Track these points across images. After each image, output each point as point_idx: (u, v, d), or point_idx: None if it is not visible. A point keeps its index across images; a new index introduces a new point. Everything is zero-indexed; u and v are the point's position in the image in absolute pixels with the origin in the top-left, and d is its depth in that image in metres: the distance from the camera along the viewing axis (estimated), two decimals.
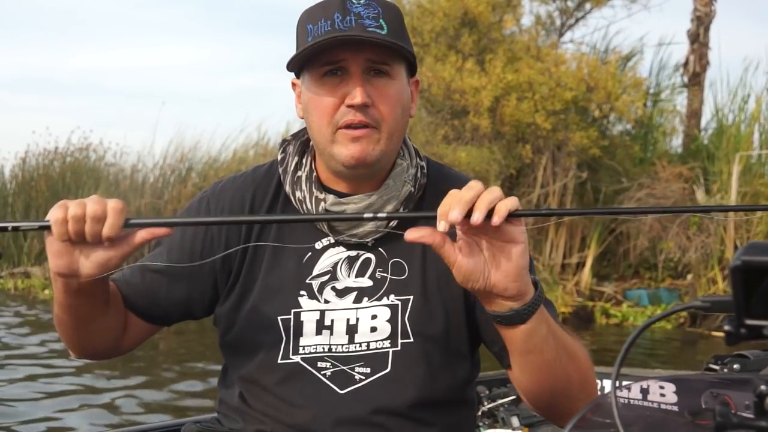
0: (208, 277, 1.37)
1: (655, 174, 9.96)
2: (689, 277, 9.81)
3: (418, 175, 1.35)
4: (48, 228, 1.13)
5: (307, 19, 1.27)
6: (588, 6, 10.92)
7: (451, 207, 1.06)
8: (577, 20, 11.19)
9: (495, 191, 1.07)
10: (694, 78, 11.52)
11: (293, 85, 1.36)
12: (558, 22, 11.05)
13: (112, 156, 13.69)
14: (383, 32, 1.23)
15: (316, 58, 1.25)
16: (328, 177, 1.35)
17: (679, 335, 9.03)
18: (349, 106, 1.23)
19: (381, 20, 1.24)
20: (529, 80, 9.59)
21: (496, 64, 9.69)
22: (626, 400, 1.36)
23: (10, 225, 1.14)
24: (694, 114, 11.48)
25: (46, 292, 11.54)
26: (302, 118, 1.35)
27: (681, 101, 11.84)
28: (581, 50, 11.23)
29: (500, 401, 2.46)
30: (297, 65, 1.30)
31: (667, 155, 11.18)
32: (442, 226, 1.08)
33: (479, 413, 2.42)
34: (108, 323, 1.34)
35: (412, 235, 1.11)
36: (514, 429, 2.36)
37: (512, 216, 1.07)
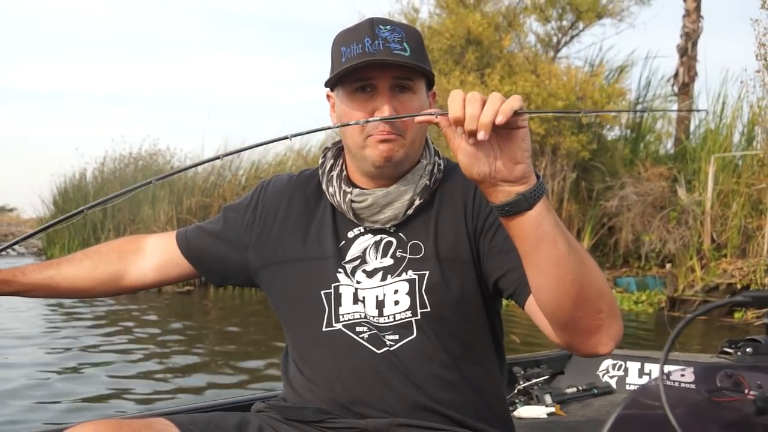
0: (241, 247, 1.50)
1: (638, 174, 10.52)
2: (668, 266, 10.11)
3: (435, 170, 1.41)
4: None
5: (341, 41, 1.37)
6: (581, 25, 11.72)
7: (467, 122, 1.07)
8: (572, 38, 12.00)
9: (496, 98, 1.07)
10: (684, 88, 12.19)
11: (328, 97, 1.46)
12: (555, 40, 11.83)
13: (177, 160, 14.64)
14: (406, 54, 1.32)
15: (350, 77, 1.34)
16: (356, 176, 1.43)
17: (660, 318, 9.17)
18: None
19: (405, 43, 1.33)
20: (524, 92, 10.06)
21: (494, 77, 10.31)
22: (653, 382, 1.34)
23: None
24: (682, 120, 12.03)
25: None
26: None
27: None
28: (575, 64, 11.93)
29: (534, 380, 2.51)
30: (332, 81, 1.39)
31: (653, 157, 11.70)
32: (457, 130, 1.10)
33: (515, 391, 2.48)
34: (77, 283, 1.54)
35: (421, 118, 1.17)
36: (547, 405, 2.40)
37: (516, 115, 1.07)
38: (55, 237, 15.60)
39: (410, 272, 1.37)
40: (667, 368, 2.10)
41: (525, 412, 2.33)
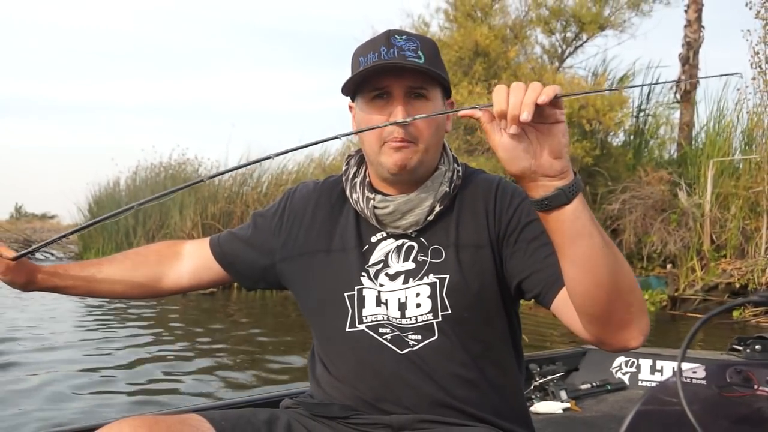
0: (269, 252, 1.52)
1: (639, 178, 10.72)
2: (669, 266, 10.34)
3: (454, 177, 1.42)
4: None
5: (359, 52, 1.38)
6: (584, 36, 11.94)
7: (511, 108, 1.07)
8: (576, 48, 12.24)
9: (537, 84, 1.08)
10: (686, 95, 12.29)
11: (350, 107, 1.46)
12: (559, 51, 12.05)
13: (204, 168, 14.90)
14: (420, 61, 1.33)
15: (366, 84, 1.35)
16: (378, 182, 1.44)
17: (662, 316, 9.52)
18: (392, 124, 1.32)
19: (419, 51, 1.34)
20: None
21: None
22: (668, 379, 1.42)
23: None
24: (685, 126, 12.21)
25: None
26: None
27: (676, 115, 12.61)
28: (579, 74, 12.17)
29: (550, 377, 2.53)
30: (351, 90, 1.40)
31: (656, 162, 11.92)
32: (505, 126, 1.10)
33: (531, 387, 2.49)
34: (116, 285, 1.56)
35: (463, 112, 1.15)
36: (562, 401, 2.42)
37: (557, 98, 1.08)
38: (90, 242, 16.21)
39: (431, 276, 1.38)
40: (684, 366, 2.03)
41: (541, 407, 2.35)
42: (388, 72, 1.34)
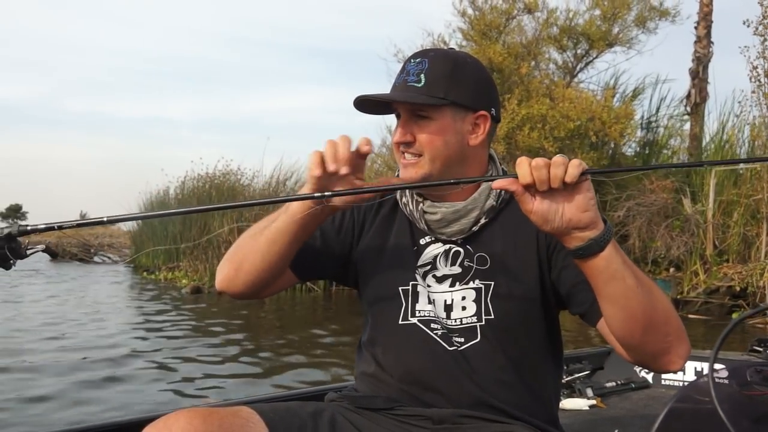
0: (341, 248, 1.52)
1: (644, 187, 10.88)
2: (671, 270, 10.69)
3: (502, 192, 1.41)
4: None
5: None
6: (594, 53, 12.21)
7: (538, 185, 1.14)
8: (586, 64, 12.51)
9: (559, 163, 1.13)
10: (695, 108, 12.54)
11: None
12: (570, 66, 12.35)
13: (246, 179, 15.61)
14: (419, 85, 1.36)
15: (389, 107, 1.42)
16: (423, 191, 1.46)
17: None
18: (395, 142, 1.40)
19: (422, 75, 1.37)
20: (540, 114, 10.60)
21: (513, 101, 10.69)
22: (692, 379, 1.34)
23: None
24: (694, 137, 12.48)
25: (184, 281, 13.60)
26: None
27: (686, 127, 12.83)
28: (590, 89, 12.45)
29: (576, 375, 2.56)
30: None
31: (662, 171, 11.82)
32: (522, 191, 1.16)
33: None
34: (277, 266, 1.41)
35: (498, 183, 1.18)
36: (588, 398, 2.44)
37: (583, 175, 1.13)
38: (141, 245, 17.44)
39: (477, 281, 1.40)
40: (701, 365, 2.01)
41: (569, 404, 2.38)
42: (379, 102, 1.41)
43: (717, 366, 1.17)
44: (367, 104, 1.43)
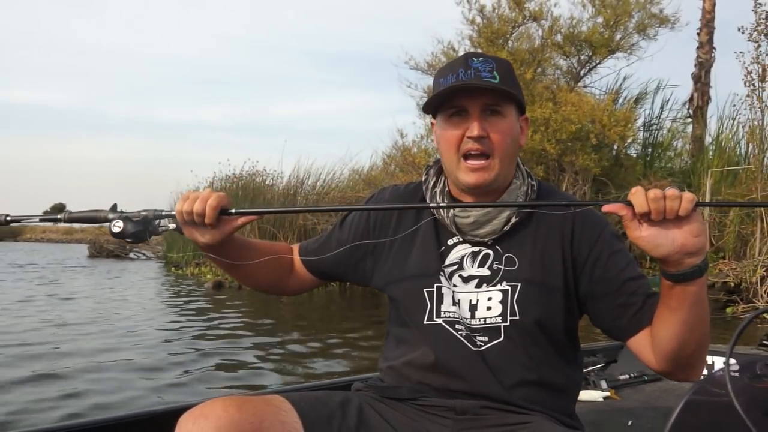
0: (357, 251, 1.55)
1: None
2: None
3: (529, 191, 1.44)
4: (174, 217, 1.36)
5: (439, 74, 1.41)
6: (597, 59, 12.44)
7: (654, 215, 1.15)
8: (590, 69, 12.73)
9: (675, 195, 1.15)
10: (698, 111, 12.85)
11: (432, 124, 1.49)
12: (574, 72, 12.54)
13: (271, 179, 15.92)
14: (496, 81, 1.35)
15: (446, 103, 1.39)
16: (456, 192, 1.46)
17: None
18: (469, 137, 1.35)
19: (495, 72, 1.36)
20: (543, 117, 10.74)
21: None
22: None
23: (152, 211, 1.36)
24: (697, 139, 12.72)
25: (209, 276, 13.78)
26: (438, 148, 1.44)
27: (689, 129, 13.08)
28: (593, 93, 12.56)
29: (591, 368, 2.57)
30: (432, 109, 1.43)
31: (668, 172, 12.29)
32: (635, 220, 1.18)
33: None
34: (259, 272, 1.52)
35: (609, 208, 1.19)
36: (603, 390, 2.46)
37: (696, 207, 1.15)
38: (173, 242, 18.12)
39: (504, 283, 1.39)
40: (712, 359, 2.06)
41: (584, 396, 2.39)
42: (465, 91, 1.36)
43: (731, 360, 1.19)
44: (431, 104, 1.43)
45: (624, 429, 2.09)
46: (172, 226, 1.40)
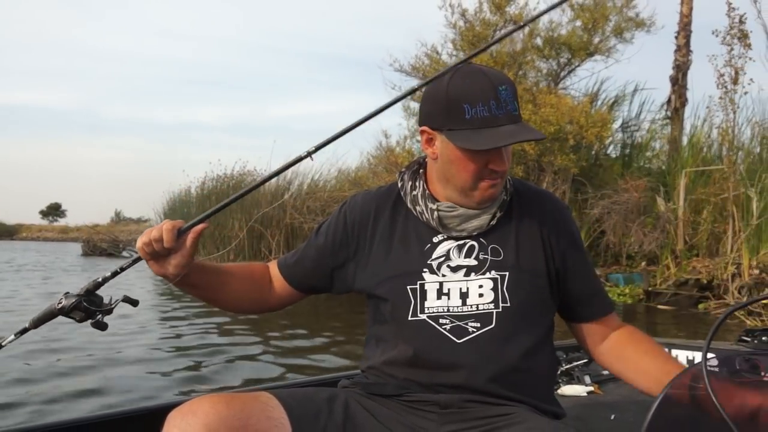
0: (335, 260, 1.56)
1: (619, 186, 11.24)
2: (642, 264, 11.16)
3: (508, 186, 1.48)
4: (139, 256, 1.39)
5: (463, 97, 1.33)
6: (576, 61, 12.65)
7: None
8: (569, 72, 12.91)
9: None
10: (675, 113, 12.98)
11: (422, 132, 1.44)
12: (554, 74, 12.74)
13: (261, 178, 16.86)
14: (517, 113, 1.35)
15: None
16: (438, 193, 1.47)
17: (638, 307, 10.33)
18: (495, 170, 1.38)
19: (515, 102, 1.34)
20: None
21: None
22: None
23: (117, 268, 1.39)
24: (674, 140, 12.85)
25: None
26: (434, 159, 1.44)
27: (667, 130, 13.23)
28: (572, 95, 12.74)
29: (575, 363, 2.57)
30: (442, 125, 1.38)
31: (646, 172, 12.44)
32: None
33: (558, 372, 2.44)
34: (239, 295, 1.56)
35: None
36: (586, 385, 2.47)
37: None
38: None
39: (493, 272, 1.42)
40: (692, 354, 2.11)
41: (567, 390, 2.41)
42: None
43: (710, 356, 1.20)
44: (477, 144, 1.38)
45: (607, 423, 2.12)
46: (120, 298, 1.42)
